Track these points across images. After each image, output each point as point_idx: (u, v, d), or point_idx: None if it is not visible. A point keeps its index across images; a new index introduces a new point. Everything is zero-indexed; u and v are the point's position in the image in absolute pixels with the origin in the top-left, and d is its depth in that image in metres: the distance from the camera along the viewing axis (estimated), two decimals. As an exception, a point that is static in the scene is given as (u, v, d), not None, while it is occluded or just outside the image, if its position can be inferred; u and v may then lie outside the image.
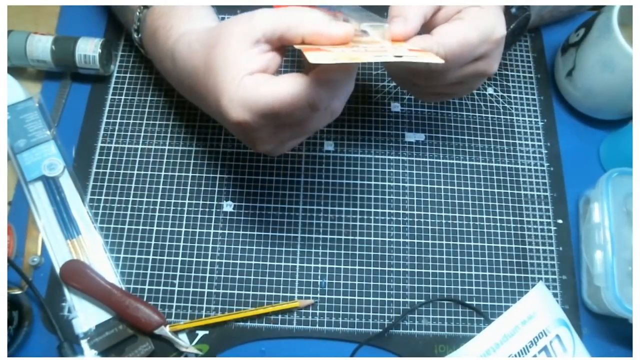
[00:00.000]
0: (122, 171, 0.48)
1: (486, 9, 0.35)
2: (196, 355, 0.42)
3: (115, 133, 0.49)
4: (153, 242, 0.45)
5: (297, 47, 0.31)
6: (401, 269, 0.45)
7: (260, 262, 0.45)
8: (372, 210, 0.47)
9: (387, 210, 0.47)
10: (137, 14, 0.42)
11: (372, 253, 0.46)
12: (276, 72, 0.33)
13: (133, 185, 0.47)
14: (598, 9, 0.47)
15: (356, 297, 0.44)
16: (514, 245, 0.46)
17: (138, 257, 0.45)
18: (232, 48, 0.32)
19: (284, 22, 0.31)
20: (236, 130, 0.34)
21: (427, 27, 0.35)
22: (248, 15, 0.32)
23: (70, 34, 0.49)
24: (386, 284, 0.45)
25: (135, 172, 0.48)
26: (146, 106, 0.50)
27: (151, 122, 0.50)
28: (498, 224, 0.47)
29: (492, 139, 0.50)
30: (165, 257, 0.45)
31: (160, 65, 0.41)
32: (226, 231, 0.46)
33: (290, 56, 0.53)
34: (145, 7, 0.41)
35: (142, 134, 0.49)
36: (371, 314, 0.44)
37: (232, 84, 0.31)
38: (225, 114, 0.32)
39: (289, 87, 0.30)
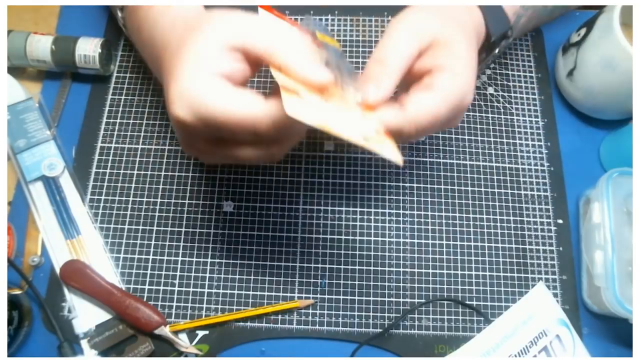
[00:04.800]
0: (122, 171, 0.48)
1: (459, 74, 0.33)
2: (196, 355, 0.42)
3: (115, 133, 0.49)
4: (153, 242, 0.45)
5: (274, 75, 0.30)
6: (401, 269, 0.45)
7: (260, 262, 0.45)
8: (372, 210, 0.47)
9: (387, 210, 0.47)
10: None
11: (372, 253, 0.46)
12: (242, 84, 0.32)
13: (133, 185, 0.47)
14: (593, 8, 0.47)
15: (356, 297, 0.44)
16: (514, 245, 0.46)
17: (138, 257, 0.45)
18: (208, 40, 0.30)
19: (271, 44, 0.30)
20: (172, 121, 0.32)
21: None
22: (239, 17, 0.31)
23: (70, 34, 0.49)
24: (386, 284, 0.45)
25: (135, 172, 0.48)
26: (146, 106, 0.50)
27: (151, 122, 0.50)
28: (498, 224, 0.47)
29: (492, 139, 0.50)
30: (165, 257, 0.45)
31: (137, 35, 0.39)
32: (226, 231, 0.46)
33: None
34: None
35: (142, 134, 0.49)
36: (371, 314, 0.44)
37: (190, 75, 0.29)
38: (170, 103, 0.30)
39: (245, 105, 0.29)
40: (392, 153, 0.29)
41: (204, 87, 0.29)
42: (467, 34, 0.36)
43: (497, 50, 0.42)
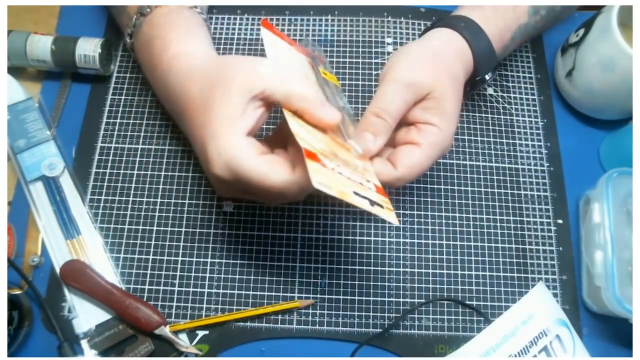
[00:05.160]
0: (122, 171, 0.48)
1: (444, 130, 0.37)
2: (196, 355, 0.42)
3: (115, 133, 0.49)
4: (153, 242, 0.45)
5: (287, 119, 0.33)
6: (401, 269, 0.45)
7: (260, 262, 0.45)
8: (372, 210, 0.47)
9: (387, 210, 0.47)
10: (134, 20, 0.42)
11: (372, 253, 0.46)
12: (261, 124, 0.35)
13: (133, 185, 0.47)
14: (591, 8, 0.47)
15: (356, 297, 0.44)
16: (514, 245, 0.46)
17: (138, 257, 0.45)
18: (233, 97, 0.33)
19: (288, 91, 0.34)
20: (209, 175, 0.36)
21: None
22: (252, 65, 0.34)
23: (70, 34, 0.49)
24: (386, 284, 0.45)
25: (135, 172, 0.48)
26: (146, 106, 0.50)
27: (151, 122, 0.50)
28: (498, 224, 0.47)
29: (492, 139, 0.50)
30: (165, 257, 0.45)
31: (150, 73, 0.42)
32: (226, 231, 0.46)
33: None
34: (142, 14, 0.41)
35: (142, 134, 0.49)
36: (371, 314, 0.44)
37: (224, 139, 0.33)
38: (209, 162, 0.34)
39: (276, 174, 0.33)
40: (389, 216, 0.33)
41: (240, 151, 0.33)
42: (457, 87, 0.39)
43: (479, 84, 0.44)
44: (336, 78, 0.43)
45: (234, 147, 0.33)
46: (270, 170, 0.33)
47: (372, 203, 0.33)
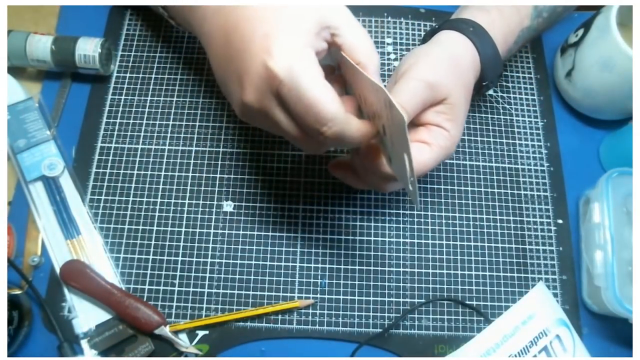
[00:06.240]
0: (122, 171, 0.48)
1: (454, 136, 0.37)
2: (196, 355, 0.42)
3: (115, 133, 0.49)
4: (153, 242, 0.45)
5: (378, 84, 0.30)
6: (401, 269, 0.45)
7: (260, 262, 0.45)
8: (372, 210, 0.47)
9: (387, 210, 0.47)
10: None
11: (372, 253, 0.46)
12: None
13: (133, 185, 0.47)
14: (590, 8, 0.47)
15: (356, 297, 0.44)
16: (514, 245, 0.46)
17: (138, 257, 0.45)
18: (309, 12, 0.30)
19: (359, 40, 0.32)
20: (256, 74, 0.30)
21: None
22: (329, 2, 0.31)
23: (70, 34, 0.49)
24: (386, 284, 0.45)
25: (135, 172, 0.48)
26: (146, 106, 0.50)
27: (151, 122, 0.50)
28: (498, 224, 0.47)
29: (492, 139, 0.50)
30: (165, 257, 0.45)
31: (199, 25, 0.37)
32: (226, 231, 0.46)
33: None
34: None
35: (142, 134, 0.49)
36: (371, 314, 0.44)
37: (298, 37, 0.29)
38: (270, 52, 0.29)
39: (331, 106, 0.29)
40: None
41: (308, 61, 0.29)
42: (469, 97, 0.39)
43: (484, 90, 0.44)
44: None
45: (306, 53, 0.29)
46: (328, 96, 0.29)
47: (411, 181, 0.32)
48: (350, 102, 0.33)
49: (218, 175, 0.48)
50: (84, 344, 0.41)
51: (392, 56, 0.53)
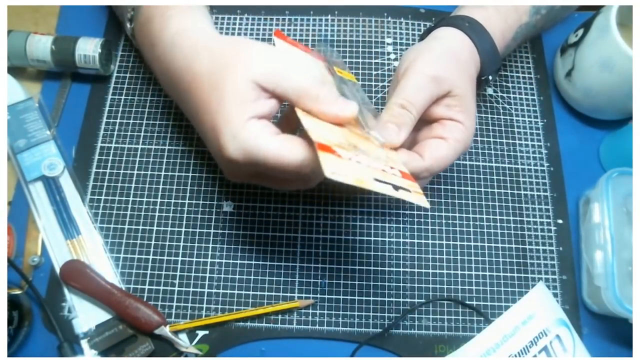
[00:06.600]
0: (122, 171, 0.48)
1: (469, 128, 0.38)
2: (196, 355, 0.42)
3: (115, 133, 0.49)
4: (153, 242, 0.45)
5: (300, 116, 0.33)
6: (401, 269, 0.45)
7: (260, 262, 0.45)
8: (372, 210, 0.47)
9: (387, 210, 0.47)
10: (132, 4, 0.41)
11: (372, 253, 0.46)
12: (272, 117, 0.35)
13: (133, 185, 0.47)
14: (590, 9, 0.47)
15: (356, 297, 0.44)
16: (514, 245, 0.46)
17: (138, 257, 0.45)
18: (247, 82, 0.33)
19: (299, 90, 0.33)
20: (220, 159, 0.35)
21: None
22: (266, 54, 0.34)
23: (70, 34, 0.49)
24: (386, 284, 0.45)
25: (135, 172, 0.48)
26: (146, 106, 0.50)
27: (151, 122, 0.50)
28: (498, 224, 0.47)
29: (492, 139, 0.50)
30: (165, 257, 0.45)
31: (149, 51, 0.40)
32: (226, 231, 0.46)
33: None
34: None
35: (142, 134, 0.49)
36: (371, 314, 0.44)
37: (238, 121, 0.32)
38: (222, 146, 0.33)
39: (292, 152, 0.32)
40: (418, 199, 0.32)
41: (253, 130, 0.32)
42: (473, 85, 0.39)
43: (484, 84, 0.44)
44: (353, 75, 0.42)
45: (249, 128, 0.32)
46: (287, 148, 0.32)
47: (397, 188, 0.31)
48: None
49: (218, 175, 0.48)
50: (84, 344, 0.41)
51: (392, 56, 0.53)
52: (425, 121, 0.39)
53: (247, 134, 0.32)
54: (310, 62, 0.39)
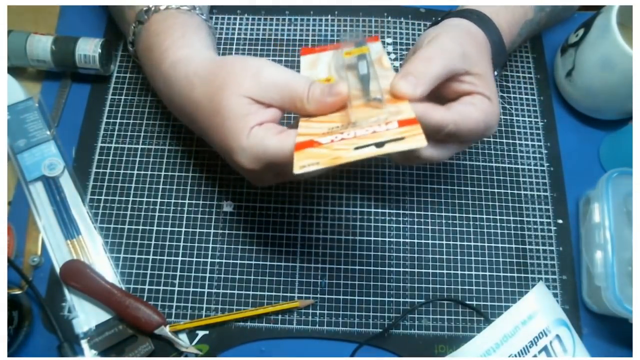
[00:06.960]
0: (122, 171, 0.48)
1: (496, 105, 0.36)
2: (196, 355, 0.42)
3: (115, 133, 0.49)
4: (153, 242, 0.45)
5: (297, 138, 0.33)
6: (401, 269, 0.45)
7: (260, 262, 0.45)
8: (372, 210, 0.47)
9: (387, 210, 0.47)
10: (133, 28, 0.42)
11: (372, 253, 0.46)
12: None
13: (133, 185, 0.47)
14: (591, 9, 0.47)
15: (356, 297, 0.44)
16: (514, 245, 0.46)
17: (138, 257, 0.45)
18: (241, 99, 0.34)
19: (285, 96, 0.34)
20: (243, 172, 0.37)
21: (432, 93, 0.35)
22: (252, 71, 0.34)
23: (70, 34, 0.49)
24: (386, 284, 0.45)
25: (135, 172, 0.48)
26: (146, 106, 0.50)
27: (151, 122, 0.50)
28: (498, 224, 0.47)
29: (492, 139, 0.50)
30: (165, 257, 0.45)
31: (151, 81, 0.42)
32: (226, 231, 0.46)
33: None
34: (140, 22, 0.41)
35: (142, 134, 0.49)
36: (371, 314, 0.44)
37: (242, 134, 0.33)
38: (237, 162, 0.34)
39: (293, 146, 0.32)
40: (411, 142, 0.29)
41: (257, 136, 0.33)
42: (492, 68, 0.39)
43: None
44: (367, 47, 0.38)
45: (254, 135, 0.33)
46: (289, 142, 0.32)
47: (380, 144, 0.29)
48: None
49: (218, 175, 0.48)
50: (84, 344, 0.41)
51: (392, 56, 0.53)
52: (444, 97, 0.37)
53: (253, 141, 0.33)
54: (305, 64, 0.39)
